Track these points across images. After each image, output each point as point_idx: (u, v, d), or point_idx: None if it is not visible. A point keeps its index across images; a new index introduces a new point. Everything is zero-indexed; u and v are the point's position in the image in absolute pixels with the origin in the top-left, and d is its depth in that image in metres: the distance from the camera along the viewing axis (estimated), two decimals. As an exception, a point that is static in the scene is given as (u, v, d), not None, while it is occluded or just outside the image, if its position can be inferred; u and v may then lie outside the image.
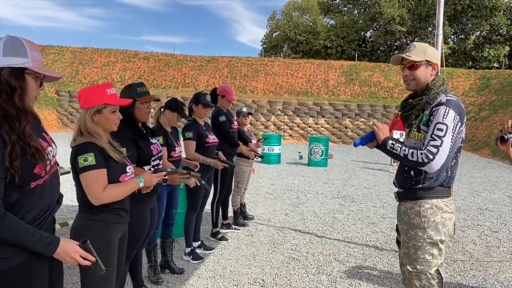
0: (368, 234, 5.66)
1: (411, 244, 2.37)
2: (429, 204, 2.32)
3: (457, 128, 2.24)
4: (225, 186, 5.19)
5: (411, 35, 34.99)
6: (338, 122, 23.33)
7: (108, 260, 2.15)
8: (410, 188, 2.40)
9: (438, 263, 2.32)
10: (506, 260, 4.76)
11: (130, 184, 2.23)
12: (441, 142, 2.19)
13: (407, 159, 2.27)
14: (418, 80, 2.40)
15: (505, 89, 22.79)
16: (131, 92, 2.97)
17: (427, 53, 2.38)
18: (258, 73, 26.38)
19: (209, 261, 4.42)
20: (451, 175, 2.35)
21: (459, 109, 2.26)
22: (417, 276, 2.33)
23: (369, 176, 11.13)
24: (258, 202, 7.35)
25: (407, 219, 2.40)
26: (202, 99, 4.37)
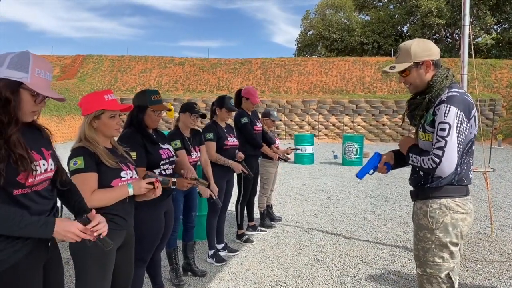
0: (398, 235, 5.47)
1: (420, 246, 2.25)
2: (437, 204, 2.19)
3: (463, 125, 2.08)
4: (249, 187, 5.16)
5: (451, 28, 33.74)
6: (375, 119, 22.81)
7: (103, 266, 2.18)
8: (420, 187, 2.28)
9: (449, 267, 2.18)
10: (546, 261, 4.46)
11: (119, 190, 2.23)
12: (445, 143, 2.05)
13: (422, 168, 2.18)
14: (415, 84, 2.29)
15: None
16: (144, 99, 3.02)
17: (414, 54, 2.24)
18: (292, 73, 26.25)
19: (232, 263, 4.41)
20: (461, 173, 2.19)
21: (463, 104, 2.10)
22: (428, 280, 2.21)
23: (406, 175, 10.77)
24: (287, 203, 7.28)
25: (417, 219, 2.29)
26: (226, 103, 4.39)
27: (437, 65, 2.26)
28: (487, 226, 5.70)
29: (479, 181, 7.46)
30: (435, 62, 2.25)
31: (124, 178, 2.28)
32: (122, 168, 2.30)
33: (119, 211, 2.26)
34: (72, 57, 29.55)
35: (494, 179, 9.55)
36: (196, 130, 4.04)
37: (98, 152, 2.21)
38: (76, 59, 29.29)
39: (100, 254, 2.17)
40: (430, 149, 2.16)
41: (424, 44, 2.27)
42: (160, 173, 3.03)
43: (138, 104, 3.03)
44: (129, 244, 2.44)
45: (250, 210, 5.48)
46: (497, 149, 17.36)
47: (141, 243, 2.61)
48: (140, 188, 2.26)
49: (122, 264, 2.39)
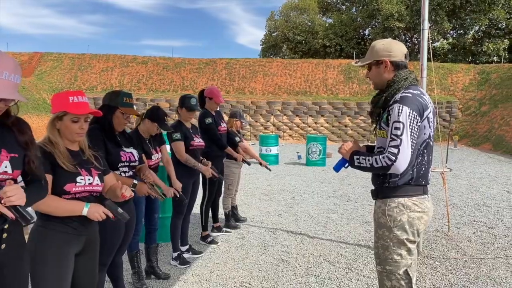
0: (361, 233, 5.58)
1: (380, 244, 2.30)
2: (395, 203, 2.26)
3: (414, 124, 2.15)
4: (214, 188, 5.13)
5: (410, 32, 34.85)
6: (337, 121, 23.23)
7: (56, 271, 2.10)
8: (379, 186, 2.34)
9: (407, 264, 2.25)
10: (500, 257, 4.68)
11: (72, 205, 2.14)
12: (400, 141, 2.12)
13: (374, 168, 2.22)
14: (374, 81, 2.40)
15: (505, 83, 22.64)
16: (116, 99, 2.95)
17: (376, 52, 2.33)
18: (257, 74, 26.33)
19: (196, 265, 4.36)
20: (418, 173, 2.26)
21: (415, 104, 2.18)
22: (387, 277, 2.27)
23: (367, 175, 10.93)
24: (252, 204, 7.28)
25: (377, 218, 2.34)
26: (186, 103, 4.32)
27: (398, 67, 2.31)
28: (445, 224, 5.91)
29: (437, 180, 7.72)
30: (395, 63, 2.31)
31: (80, 184, 2.19)
32: (80, 173, 2.21)
33: (78, 216, 2.17)
34: (29, 54, 28.41)
35: (450, 178, 9.92)
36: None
37: (56, 153, 2.13)
38: (34, 56, 28.19)
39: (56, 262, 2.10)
40: (385, 145, 2.22)
41: (389, 44, 2.34)
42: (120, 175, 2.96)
43: (109, 103, 2.95)
44: (91, 250, 2.35)
45: (215, 211, 5.45)
46: (453, 149, 18.07)
47: (102, 247, 2.53)
48: (95, 213, 2.14)
49: (82, 271, 2.30)
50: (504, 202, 7.69)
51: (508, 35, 32.37)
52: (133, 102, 3.06)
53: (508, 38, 32.29)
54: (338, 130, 22.90)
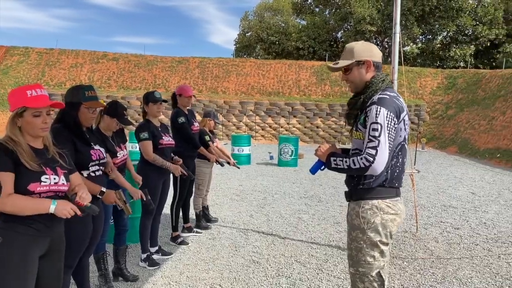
0: (331, 234, 5.62)
1: (353, 246, 2.30)
2: (369, 205, 2.26)
3: (392, 126, 2.17)
4: (185, 188, 5.05)
5: (381, 35, 35.51)
6: (309, 122, 23.41)
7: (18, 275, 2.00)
8: (353, 188, 2.34)
9: (380, 266, 2.26)
10: (465, 257, 4.80)
11: (39, 203, 2.04)
12: (378, 142, 2.13)
13: (351, 169, 2.21)
14: (355, 82, 2.37)
15: (470, 88, 23.37)
16: (78, 95, 2.83)
17: (356, 53, 2.32)
18: (230, 73, 26.23)
19: (166, 267, 4.27)
20: (392, 175, 2.28)
21: (393, 106, 2.20)
22: (360, 279, 2.27)
23: (338, 175, 11.12)
24: (223, 204, 7.22)
25: (350, 220, 2.34)
26: (150, 97, 4.21)
27: (378, 68, 2.33)
28: (413, 224, 6.02)
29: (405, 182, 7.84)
30: (376, 64, 2.32)
31: (45, 183, 2.09)
32: (45, 172, 2.11)
33: (41, 216, 2.07)
34: (-7, 48, 27.34)
35: (418, 180, 10.14)
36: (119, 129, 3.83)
37: (19, 151, 2.02)
38: (-2, 50, 27.17)
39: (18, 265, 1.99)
40: (362, 146, 2.22)
41: (367, 45, 2.36)
42: (89, 175, 2.85)
43: (71, 100, 2.83)
44: (56, 252, 2.25)
45: (185, 211, 5.37)
46: (421, 152, 18.50)
47: (67, 248, 2.43)
48: (63, 211, 2.05)
49: (47, 274, 2.21)
50: (469, 203, 7.91)
51: (474, 42, 33.40)
52: (96, 94, 2.94)
53: (474, 44, 33.31)
54: (310, 131, 23.08)
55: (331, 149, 2.40)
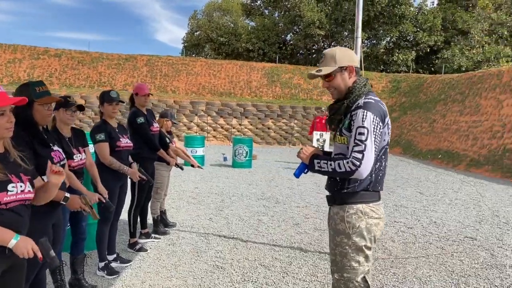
0: (292, 236, 5.62)
1: (338, 251, 2.28)
2: (353, 209, 2.25)
3: (378, 130, 2.18)
4: (143, 193, 4.84)
5: (329, 39, 36.40)
6: (261, 123, 23.51)
7: None
8: (336, 192, 2.31)
9: (364, 270, 2.25)
10: (422, 256, 4.96)
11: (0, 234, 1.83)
12: (364, 147, 2.13)
13: (336, 172, 2.19)
14: (339, 88, 2.35)
15: (413, 92, 24.50)
16: (28, 92, 2.59)
17: (338, 59, 2.32)
18: (180, 72, 25.76)
19: (126, 275, 4.06)
20: (376, 179, 2.28)
21: (378, 111, 2.21)
22: (345, 284, 2.25)
23: (292, 176, 11.23)
24: (180, 208, 7.03)
25: (334, 224, 2.32)
26: (106, 96, 3.99)
27: (358, 73, 2.33)
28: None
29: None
30: (357, 69, 2.32)
31: (12, 193, 1.87)
32: (11, 180, 1.89)
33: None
34: None
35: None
36: (77, 129, 3.60)
37: None
38: None
39: None
40: (345, 151, 2.20)
41: (346, 51, 2.36)
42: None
43: None
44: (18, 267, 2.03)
45: (143, 216, 5.15)
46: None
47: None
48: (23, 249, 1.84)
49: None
50: (418, 203, 8.24)
51: (415, 47, 35.09)
52: (48, 89, 2.71)
53: (415, 50, 35.00)
54: (262, 132, 23.19)
55: (314, 151, 2.36)
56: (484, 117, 16.24)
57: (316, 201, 7.95)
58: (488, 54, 31.96)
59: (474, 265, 4.67)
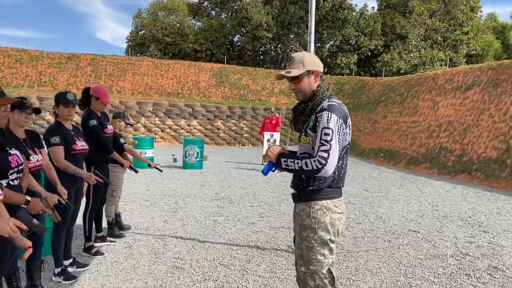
0: (249, 235, 5.74)
1: (304, 245, 2.42)
2: (319, 205, 2.40)
3: (341, 130, 2.35)
4: (99, 195, 4.77)
5: (275, 41, 36.98)
6: (210, 123, 23.48)
7: None
8: (302, 190, 2.45)
9: (329, 263, 2.41)
10: (371, 249, 5.26)
11: None
12: (330, 146, 2.28)
13: (303, 170, 2.32)
14: (304, 91, 2.50)
15: (356, 93, 25.51)
16: None
17: (306, 63, 2.47)
18: (125, 72, 25.11)
19: (84, 279, 3.98)
20: (338, 176, 2.45)
21: (341, 113, 2.38)
22: (311, 277, 2.39)
23: (244, 176, 11.39)
24: (133, 210, 6.93)
25: (300, 220, 2.45)
26: (62, 98, 3.89)
27: (321, 77, 2.49)
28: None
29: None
30: (321, 74, 2.48)
31: None
32: None
33: None
34: None
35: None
36: (31, 131, 3.50)
37: None
38: None
39: None
40: (310, 151, 2.35)
41: (313, 56, 2.52)
42: (8, 184, 2.56)
43: None
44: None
45: (98, 220, 5.06)
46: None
47: None
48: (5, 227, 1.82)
49: None
50: (364, 199, 8.66)
51: (357, 51, 36.52)
52: (2, 90, 2.64)
53: (357, 53, 36.42)
54: (211, 133, 23.16)
55: (281, 150, 2.49)
56: (422, 118, 17.26)
57: (269, 200, 8.13)
58: (424, 58, 33.95)
59: (419, 256, 5.03)
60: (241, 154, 18.69)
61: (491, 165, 12.03)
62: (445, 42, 36.28)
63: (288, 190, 9.29)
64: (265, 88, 27.26)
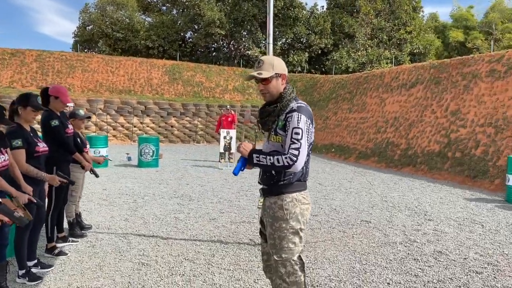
0: (211, 230, 5.89)
1: (277, 235, 2.63)
2: (290, 198, 2.63)
3: (309, 130, 2.59)
4: (61, 195, 4.75)
5: (228, 38, 37.08)
6: (164, 121, 23.26)
7: None
8: (273, 184, 2.66)
9: (299, 250, 2.64)
10: (328, 240, 5.58)
11: None
12: (300, 145, 2.50)
13: (275, 166, 2.52)
14: (272, 92, 2.69)
15: (308, 91, 26.18)
16: None
17: (275, 67, 2.67)
18: (74, 69, 24.32)
19: (49, 280, 3.99)
20: (306, 171, 2.70)
21: (308, 113, 2.62)
22: (282, 264, 2.60)
23: (201, 174, 11.49)
24: (92, 210, 6.88)
25: (272, 212, 2.65)
26: (32, 101, 3.87)
27: (287, 81, 2.71)
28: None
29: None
30: (287, 77, 2.69)
31: None
32: None
33: None
34: None
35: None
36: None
37: None
38: None
39: None
40: (280, 149, 2.56)
41: (281, 61, 2.74)
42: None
43: None
44: None
45: (59, 220, 5.02)
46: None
47: None
48: None
49: None
50: (319, 192, 9.05)
51: (308, 49, 37.40)
52: None
53: (308, 51, 37.30)
54: (165, 131, 22.96)
55: (253, 147, 2.69)
56: (370, 114, 18.07)
57: (228, 197, 8.31)
58: (371, 56, 35.34)
59: (372, 244, 5.41)
60: (197, 151, 18.72)
61: (434, 158, 12.87)
62: (390, 41, 37.93)
63: (246, 186, 9.54)
64: (219, 85, 27.33)
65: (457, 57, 15.85)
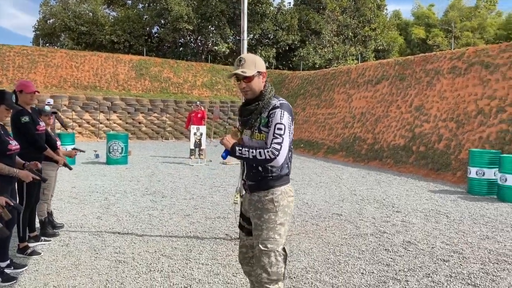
0: (186, 226, 5.91)
1: (265, 227, 2.70)
2: (279, 191, 2.72)
3: (291, 126, 2.68)
4: (33, 194, 4.66)
5: (195, 34, 36.75)
6: (131, 117, 22.88)
7: None
8: (261, 180, 2.72)
9: (283, 242, 2.73)
10: (302, 232, 5.71)
11: None
12: (282, 139, 2.59)
13: (256, 159, 2.60)
14: (254, 90, 2.76)
15: (276, 87, 26.35)
16: None
17: (257, 65, 2.74)
18: (37, 64, 23.50)
19: (24, 280, 3.92)
20: (290, 165, 2.79)
21: (290, 110, 2.71)
22: (267, 254, 2.68)
23: (172, 170, 11.42)
24: (63, 209, 6.75)
25: (261, 205, 2.72)
26: (7, 99, 3.79)
27: (266, 79, 2.79)
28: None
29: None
30: (266, 76, 2.77)
31: None
32: None
33: None
34: None
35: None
36: None
37: None
38: None
39: None
40: (263, 146, 2.64)
41: (261, 59, 2.80)
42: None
43: None
44: None
45: (31, 219, 4.92)
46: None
47: None
48: None
49: None
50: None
51: (275, 45, 37.57)
52: None
53: (275, 47, 37.48)
54: (132, 127, 22.59)
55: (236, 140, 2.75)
56: (338, 110, 18.43)
57: (201, 193, 8.32)
58: (337, 52, 35.95)
59: (344, 236, 5.58)
60: (166, 148, 18.55)
61: (399, 152, 13.30)
62: (356, 38, 38.68)
63: (218, 182, 9.58)
64: (187, 81, 27.11)
65: (420, 54, 16.40)
